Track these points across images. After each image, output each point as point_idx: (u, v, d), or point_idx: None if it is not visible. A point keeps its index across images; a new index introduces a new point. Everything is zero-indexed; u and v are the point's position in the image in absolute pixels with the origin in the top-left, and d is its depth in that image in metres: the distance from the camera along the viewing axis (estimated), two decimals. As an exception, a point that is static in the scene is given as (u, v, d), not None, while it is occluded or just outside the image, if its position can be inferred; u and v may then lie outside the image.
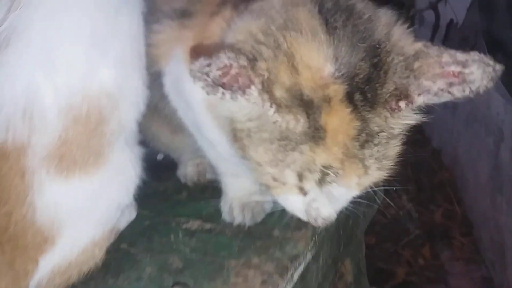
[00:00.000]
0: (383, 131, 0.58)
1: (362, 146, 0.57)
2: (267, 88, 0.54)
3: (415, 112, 0.58)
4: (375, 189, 0.64)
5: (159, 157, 0.92)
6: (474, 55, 0.55)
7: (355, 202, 0.65)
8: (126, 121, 0.70)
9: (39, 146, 0.63)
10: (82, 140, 0.64)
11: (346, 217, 0.74)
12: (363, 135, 0.57)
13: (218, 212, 0.80)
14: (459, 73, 0.54)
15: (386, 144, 0.59)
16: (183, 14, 0.70)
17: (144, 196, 0.75)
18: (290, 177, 0.59)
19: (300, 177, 0.58)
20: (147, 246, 0.77)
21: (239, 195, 0.78)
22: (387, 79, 0.57)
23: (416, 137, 2.15)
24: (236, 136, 0.62)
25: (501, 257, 1.54)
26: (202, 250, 0.74)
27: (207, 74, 0.51)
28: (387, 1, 2.01)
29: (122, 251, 0.76)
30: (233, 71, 0.52)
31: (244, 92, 0.53)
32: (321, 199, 0.61)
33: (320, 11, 0.59)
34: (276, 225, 0.71)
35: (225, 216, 0.79)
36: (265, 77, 0.54)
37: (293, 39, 0.56)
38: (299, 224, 0.72)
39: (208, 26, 0.66)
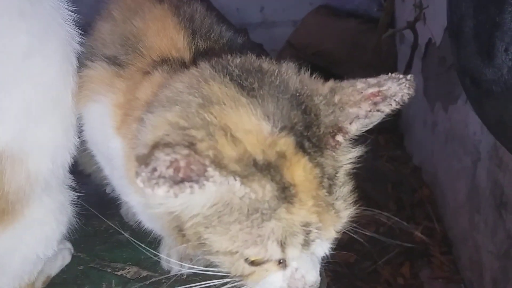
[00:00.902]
0: (338, 171, 0.58)
1: (329, 192, 0.56)
2: (220, 165, 0.51)
3: (356, 143, 0.60)
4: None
5: (108, 189, 0.86)
6: (383, 75, 0.59)
7: None
8: (39, 174, 0.64)
9: None
10: None
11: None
12: (325, 180, 0.56)
13: (158, 257, 0.76)
14: (378, 92, 0.57)
15: (345, 182, 0.59)
16: (115, 62, 0.68)
17: (84, 236, 0.72)
18: (273, 250, 0.55)
19: (283, 246, 0.55)
20: (76, 296, 0.72)
21: None
22: (320, 121, 0.57)
23: (397, 154, 2.17)
24: (186, 234, 0.57)
25: (479, 276, 1.54)
26: (132, 302, 0.70)
27: (161, 176, 0.47)
28: (366, 19, 2.01)
29: (49, 301, 0.72)
30: (182, 163, 0.48)
31: (206, 178, 0.48)
32: (304, 265, 0.59)
33: (231, 79, 0.58)
34: (215, 275, 0.66)
35: (163, 264, 0.77)
36: (211, 155, 0.51)
37: (220, 112, 0.55)
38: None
39: (139, 87, 0.64)
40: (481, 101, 1.06)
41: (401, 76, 0.58)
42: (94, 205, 0.73)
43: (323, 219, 0.56)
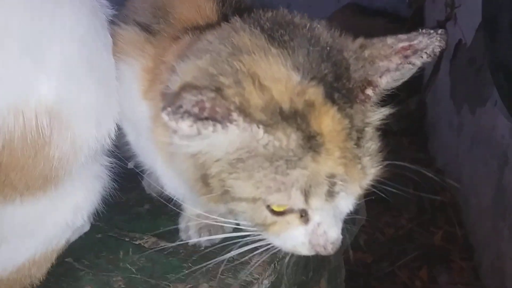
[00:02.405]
0: (367, 125, 0.58)
1: (357, 145, 0.56)
2: (245, 113, 0.51)
3: (383, 105, 0.60)
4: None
5: (130, 164, 0.84)
6: (414, 32, 0.59)
7: None
8: (84, 141, 0.61)
9: None
10: (21, 165, 0.56)
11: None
12: (354, 132, 0.56)
13: (176, 230, 0.76)
14: (409, 45, 0.57)
15: (373, 138, 0.59)
16: (147, 29, 0.68)
17: (104, 207, 0.71)
18: (297, 198, 0.54)
19: (307, 195, 0.54)
20: (93, 262, 0.73)
21: (197, 213, 0.75)
22: (350, 74, 0.57)
23: (420, 156, 2.12)
24: (210, 183, 0.57)
25: (501, 284, 1.50)
26: (149, 271, 0.70)
27: (186, 111, 0.48)
28: (394, 18, 1.98)
29: (66, 265, 0.72)
30: (207, 104, 0.49)
31: (229, 120, 0.49)
32: (327, 219, 0.58)
33: (262, 31, 0.58)
34: (234, 247, 0.66)
35: (181, 234, 0.76)
36: (237, 102, 0.51)
37: (249, 60, 0.55)
38: (259, 247, 0.65)
39: (167, 51, 0.64)
40: (514, 97, 1.02)
41: (431, 30, 0.58)
42: (117, 176, 0.72)
43: (349, 172, 0.55)
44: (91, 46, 0.61)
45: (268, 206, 0.56)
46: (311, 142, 0.53)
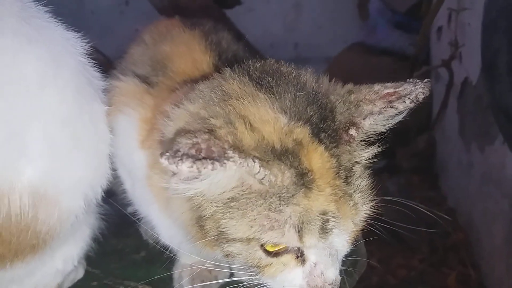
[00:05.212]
0: (355, 164, 0.60)
1: (346, 182, 0.57)
2: (239, 149, 0.53)
3: (372, 144, 0.62)
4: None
5: (130, 209, 0.86)
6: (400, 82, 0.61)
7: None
8: (71, 212, 0.63)
9: None
10: (8, 241, 0.58)
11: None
12: (342, 171, 0.58)
13: (171, 278, 0.77)
14: (394, 92, 0.60)
15: (363, 176, 0.60)
16: (145, 81, 0.71)
17: (101, 254, 0.73)
18: (290, 236, 0.55)
19: (300, 232, 0.55)
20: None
21: (191, 262, 0.75)
22: (335, 116, 0.60)
23: (431, 195, 2.09)
24: (205, 226, 0.58)
25: (517, 328, 1.44)
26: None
27: (184, 154, 0.50)
28: (400, 57, 1.99)
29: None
30: (203, 145, 0.51)
31: (226, 158, 0.51)
32: (323, 259, 0.58)
33: (250, 79, 0.62)
34: None
35: (175, 283, 0.76)
36: (231, 141, 0.54)
37: (239, 104, 0.58)
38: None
39: (165, 102, 0.66)
40: (516, 139, 1.01)
41: (418, 80, 0.60)
42: (114, 224, 0.73)
43: (341, 209, 0.56)
44: (76, 123, 0.63)
45: (262, 246, 0.57)
46: (304, 179, 0.55)
